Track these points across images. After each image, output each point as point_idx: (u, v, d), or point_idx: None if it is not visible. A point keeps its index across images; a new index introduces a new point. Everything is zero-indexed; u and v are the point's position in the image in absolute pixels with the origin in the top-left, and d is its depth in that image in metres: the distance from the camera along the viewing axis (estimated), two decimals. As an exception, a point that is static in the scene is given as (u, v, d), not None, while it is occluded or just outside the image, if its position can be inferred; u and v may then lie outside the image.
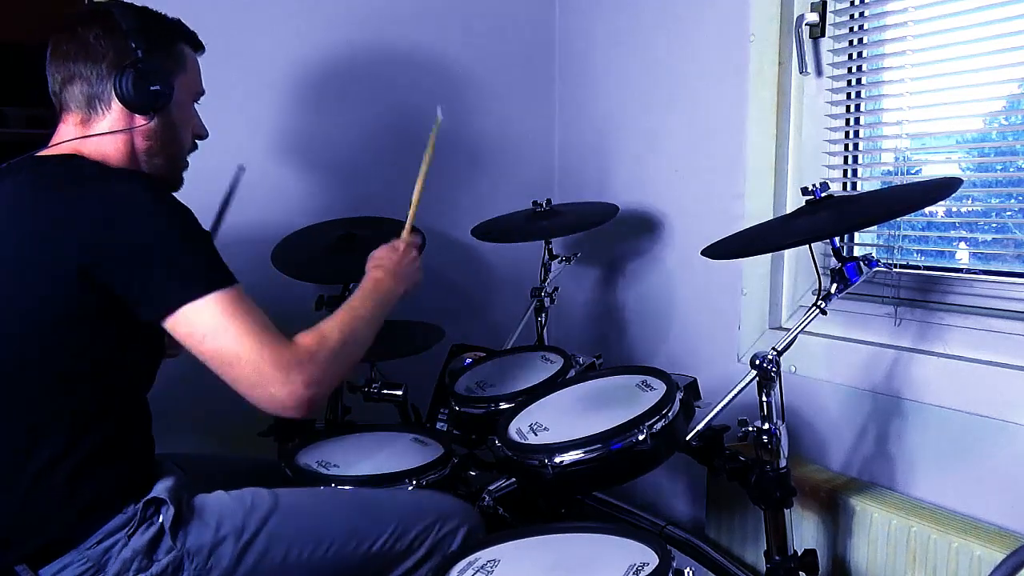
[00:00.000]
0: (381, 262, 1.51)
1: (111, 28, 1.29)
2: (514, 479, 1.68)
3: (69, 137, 1.30)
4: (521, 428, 1.49)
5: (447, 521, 1.39)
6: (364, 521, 1.36)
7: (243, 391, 1.22)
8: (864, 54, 1.86)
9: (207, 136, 1.46)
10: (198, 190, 1.43)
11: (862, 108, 1.88)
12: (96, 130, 1.30)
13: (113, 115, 1.30)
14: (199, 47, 1.43)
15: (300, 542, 1.30)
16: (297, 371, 1.21)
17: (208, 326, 1.19)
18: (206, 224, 1.36)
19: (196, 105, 1.44)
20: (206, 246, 1.25)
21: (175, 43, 1.37)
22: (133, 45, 1.28)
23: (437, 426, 2.01)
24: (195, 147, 1.45)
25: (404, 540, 1.35)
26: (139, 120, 1.30)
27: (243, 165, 1.68)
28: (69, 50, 1.30)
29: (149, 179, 1.29)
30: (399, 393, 1.92)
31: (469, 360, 1.94)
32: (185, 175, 1.45)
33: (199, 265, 1.21)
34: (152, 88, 1.29)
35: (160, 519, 1.23)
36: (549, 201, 2.14)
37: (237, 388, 1.22)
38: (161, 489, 1.25)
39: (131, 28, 1.29)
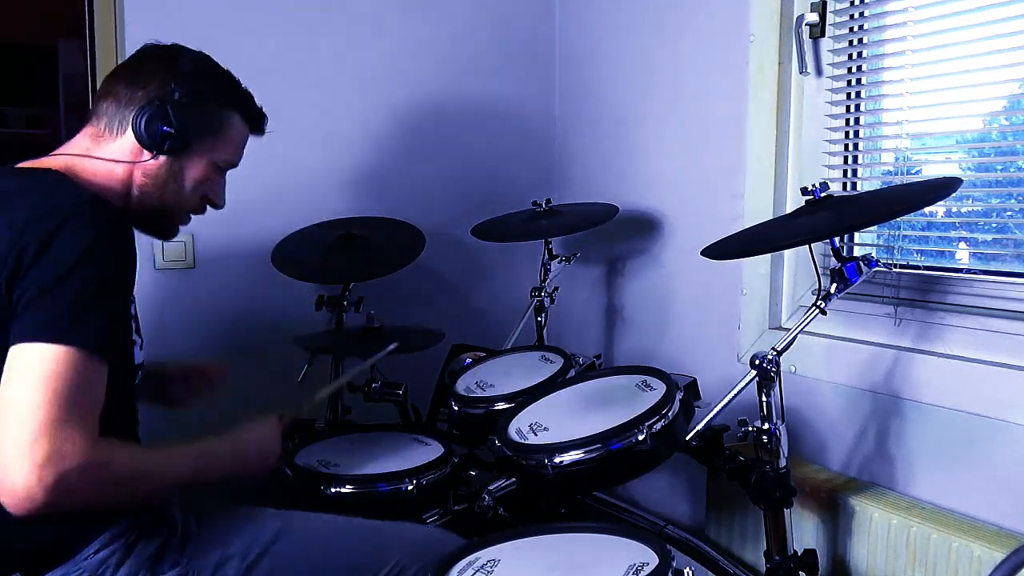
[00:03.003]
0: (263, 444, 1.38)
1: (167, 66, 1.30)
2: (514, 479, 1.68)
3: (77, 148, 1.29)
4: (521, 428, 1.49)
5: None
6: (367, 552, 1.33)
7: None
8: (864, 54, 1.85)
9: (221, 207, 1.42)
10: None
11: (862, 108, 1.87)
12: (104, 151, 1.29)
13: (124, 142, 1.29)
14: (256, 128, 1.42)
15: (303, 568, 1.28)
16: (56, 466, 1.00)
17: (17, 370, 1.04)
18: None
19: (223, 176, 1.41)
20: (95, 300, 1.10)
21: (225, 107, 1.35)
22: (173, 86, 1.28)
23: (437, 426, 2.01)
24: (202, 211, 1.41)
25: None
26: (145, 155, 1.29)
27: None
28: (122, 71, 1.33)
29: (110, 216, 1.18)
30: (399, 393, 1.92)
31: (469, 360, 1.94)
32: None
33: (67, 313, 1.07)
34: (163, 128, 1.27)
35: (165, 531, 1.22)
36: (549, 201, 2.14)
37: None
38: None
39: (184, 71, 1.30)
